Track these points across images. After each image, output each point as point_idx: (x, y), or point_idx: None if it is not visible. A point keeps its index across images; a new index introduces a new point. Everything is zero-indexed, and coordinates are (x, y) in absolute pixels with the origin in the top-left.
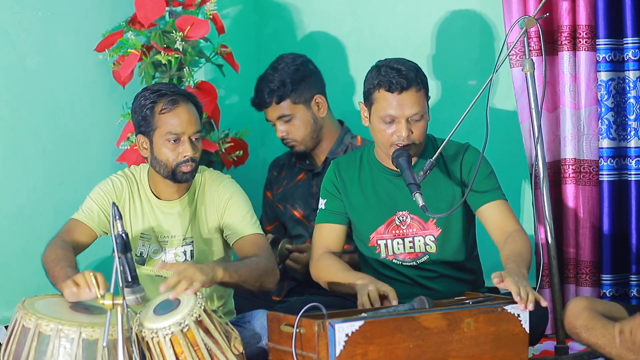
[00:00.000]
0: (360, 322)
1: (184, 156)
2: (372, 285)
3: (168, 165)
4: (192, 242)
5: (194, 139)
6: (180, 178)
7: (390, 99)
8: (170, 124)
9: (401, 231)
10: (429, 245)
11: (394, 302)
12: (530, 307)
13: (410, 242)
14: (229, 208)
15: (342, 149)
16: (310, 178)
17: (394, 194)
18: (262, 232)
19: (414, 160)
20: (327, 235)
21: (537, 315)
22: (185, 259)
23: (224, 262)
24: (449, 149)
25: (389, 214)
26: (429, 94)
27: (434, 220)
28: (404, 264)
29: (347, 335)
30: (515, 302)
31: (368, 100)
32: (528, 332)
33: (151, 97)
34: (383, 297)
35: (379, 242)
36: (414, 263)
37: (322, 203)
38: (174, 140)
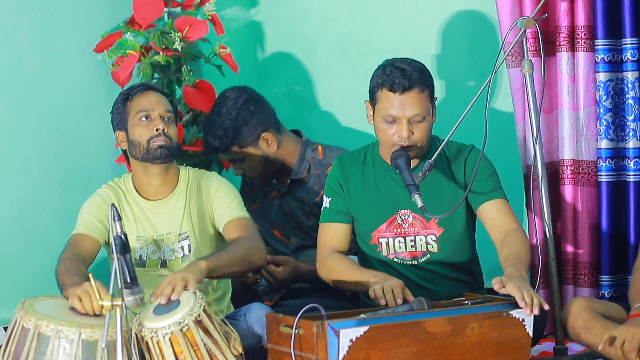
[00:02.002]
0: (365, 328)
1: (156, 130)
2: (387, 284)
3: (142, 143)
4: (188, 236)
5: (166, 118)
6: (154, 154)
7: (392, 98)
8: (141, 104)
9: (403, 230)
10: (430, 244)
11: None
12: (536, 311)
13: (411, 240)
14: (217, 197)
15: (305, 167)
16: (280, 198)
17: (397, 192)
18: (249, 216)
19: (416, 161)
20: (333, 234)
21: (537, 317)
22: (184, 254)
23: (204, 256)
24: (452, 149)
25: (391, 212)
26: (435, 95)
27: (436, 220)
28: (404, 262)
29: (351, 340)
30: (519, 307)
31: (372, 99)
32: (531, 336)
33: (122, 94)
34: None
35: (380, 240)
36: (415, 262)
37: (326, 202)
38: (146, 118)
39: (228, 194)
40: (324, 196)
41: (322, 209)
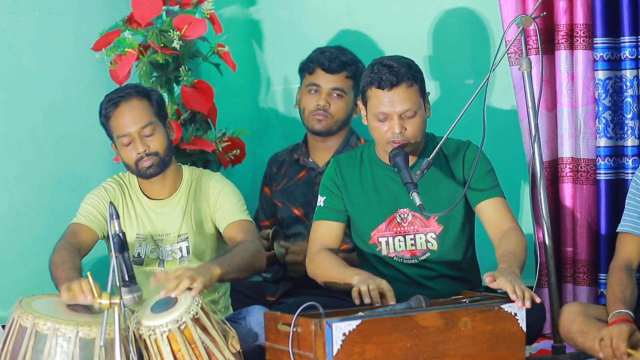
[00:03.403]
0: (358, 322)
1: (138, 154)
2: (372, 282)
3: (131, 166)
4: (187, 238)
5: (146, 133)
6: (145, 174)
7: (381, 96)
8: (118, 127)
9: (402, 228)
10: (430, 242)
11: (392, 302)
12: (527, 304)
13: (411, 239)
14: (220, 199)
15: (347, 150)
16: (314, 177)
17: (395, 191)
18: (251, 220)
19: (414, 159)
20: (325, 232)
21: (535, 315)
22: (182, 255)
23: (216, 259)
24: (450, 146)
25: (390, 212)
26: (427, 91)
27: (436, 217)
28: (404, 261)
29: (344, 334)
30: (512, 301)
31: (364, 98)
32: (525, 330)
33: (101, 112)
34: (381, 296)
35: (380, 239)
36: (415, 260)
37: (320, 200)
38: (127, 143)
39: (231, 196)
40: (319, 195)
41: (316, 207)
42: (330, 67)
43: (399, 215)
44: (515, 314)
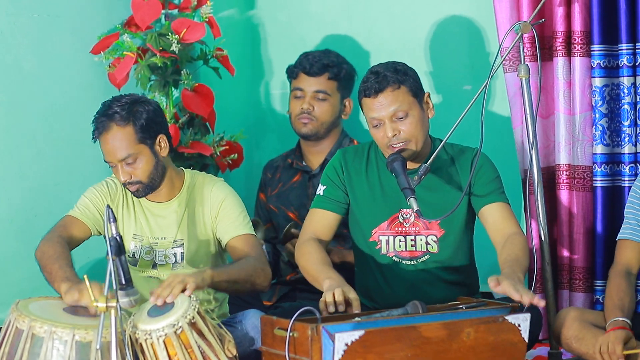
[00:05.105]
0: (361, 332)
1: (122, 181)
2: (339, 290)
3: (122, 184)
4: (183, 244)
5: (129, 161)
6: (135, 194)
7: (369, 103)
8: (103, 152)
9: (404, 229)
10: (430, 245)
11: (357, 311)
12: (536, 301)
13: (412, 240)
14: (222, 209)
15: None
16: (307, 180)
17: (400, 191)
18: (254, 234)
19: (418, 164)
20: (319, 221)
21: (531, 321)
22: (176, 261)
23: (212, 267)
24: (457, 151)
25: (393, 211)
26: (427, 91)
27: (438, 221)
28: (403, 261)
29: (346, 344)
30: (515, 311)
31: (361, 108)
32: (527, 341)
33: (93, 127)
34: (347, 304)
35: (380, 237)
36: (414, 262)
37: (320, 189)
38: (113, 167)
39: (234, 208)
40: (320, 184)
41: (315, 195)
42: (312, 70)
43: (402, 215)
44: (519, 325)
